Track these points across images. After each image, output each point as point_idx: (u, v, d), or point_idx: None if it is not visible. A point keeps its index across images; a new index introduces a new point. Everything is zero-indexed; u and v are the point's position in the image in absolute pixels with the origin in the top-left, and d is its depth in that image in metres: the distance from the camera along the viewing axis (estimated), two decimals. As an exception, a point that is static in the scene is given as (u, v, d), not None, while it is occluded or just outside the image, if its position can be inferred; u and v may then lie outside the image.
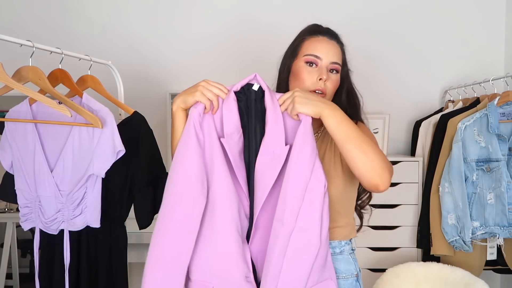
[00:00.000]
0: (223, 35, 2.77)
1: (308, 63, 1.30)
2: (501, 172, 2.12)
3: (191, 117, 1.15)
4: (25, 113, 1.63)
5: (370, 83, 2.76)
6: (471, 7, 2.79)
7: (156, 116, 2.65)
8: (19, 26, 2.74)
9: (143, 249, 2.41)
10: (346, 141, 1.12)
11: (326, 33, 1.34)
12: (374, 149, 1.13)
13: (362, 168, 1.12)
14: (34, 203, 1.65)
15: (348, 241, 1.34)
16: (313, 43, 1.31)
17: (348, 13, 2.78)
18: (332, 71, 1.31)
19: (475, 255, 2.27)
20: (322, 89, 1.28)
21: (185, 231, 1.12)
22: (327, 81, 1.29)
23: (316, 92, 1.28)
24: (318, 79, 1.28)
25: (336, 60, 1.31)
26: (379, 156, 1.12)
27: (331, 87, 1.30)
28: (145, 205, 1.73)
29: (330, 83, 1.30)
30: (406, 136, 2.82)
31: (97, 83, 1.81)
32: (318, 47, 1.30)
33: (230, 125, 1.14)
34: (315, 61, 1.29)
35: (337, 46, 1.33)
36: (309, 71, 1.29)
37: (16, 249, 3.03)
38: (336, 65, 1.31)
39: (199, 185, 1.12)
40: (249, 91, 1.18)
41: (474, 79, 2.56)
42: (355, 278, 1.32)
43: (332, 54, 1.30)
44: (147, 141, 1.75)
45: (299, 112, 1.12)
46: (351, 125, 1.13)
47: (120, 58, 2.68)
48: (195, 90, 1.16)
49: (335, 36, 1.35)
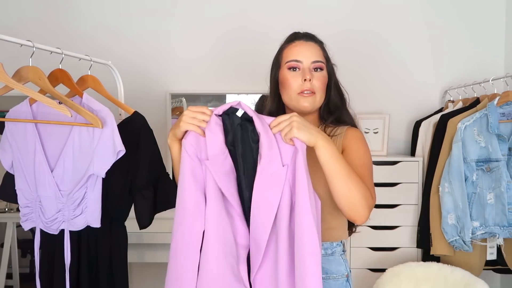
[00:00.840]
0: (223, 35, 2.78)
1: (290, 68, 1.34)
2: (501, 172, 2.12)
3: (183, 148, 1.16)
4: (25, 113, 1.63)
5: (370, 83, 2.76)
6: (471, 7, 2.80)
7: (156, 116, 2.65)
8: (19, 26, 2.74)
9: (143, 249, 2.41)
10: (334, 176, 1.15)
11: (302, 37, 1.38)
12: (358, 187, 1.16)
13: (344, 203, 1.17)
14: (34, 203, 1.65)
15: (339, 242, 1.36)
16: (291, 49, 1.35)
17: (348, 14, 2.78)
18: (316, 70, 1.34)
19: (475, 255, 2.28)
20: (309, 89, 1.31)
21: (186, 257, 1.15)
22: (313, 79, 1.31)
23: (305, 93, 1.31)
24: (303, 80, 1.31)
25: (316, 59, 1.34)
26: (362, 194, 1.16)
27: (318, 84, 1.33)
28: (145, 205, 1.73)
29: (316, 81, 1.32)
30: (406, 136, 2.82)
31: (97, 83, 1.81)
32: (297, 51, 1.34)
33: (214, 147, 1.14)
34: (297, 65, 1.33)
35: (315, 46, 1.36)
36: (293, 75, 1.33)
37: (16, 249, 3.02)
38: (319, 63, 1.34)
39: (194, 211, 1.14)
40: (233, 115, 1.17)
41: (474, 79, 2.56)
42: (346, 278, 1.35)
43: (311, 54, 1.33)
44: (147, 141, 1.75)
45: (294, 137, 1.12)
46: (341, 161, 1.16)
47: (120, 58, 2.68)
48: (180, 121, 1.18)
49: (312, 37, 1.38)
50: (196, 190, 1.14)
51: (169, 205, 1.76)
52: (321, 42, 1.40)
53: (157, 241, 2.38)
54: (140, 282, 2.82)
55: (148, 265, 2.79)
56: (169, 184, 1.78)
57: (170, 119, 2.74)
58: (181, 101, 2.80)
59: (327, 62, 1.38)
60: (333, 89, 1.39)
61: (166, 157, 2.66)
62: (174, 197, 1.80)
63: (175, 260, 1.16)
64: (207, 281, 1.12)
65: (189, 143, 1.15)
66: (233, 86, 2.79)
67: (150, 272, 2.81)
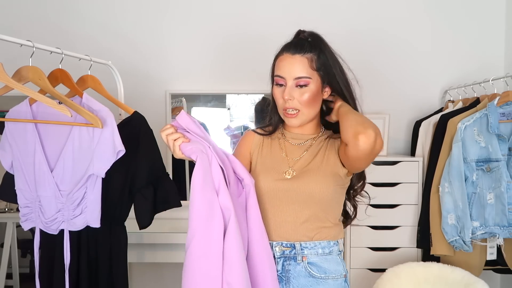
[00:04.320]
0: (223, 34, 2.77)
1: (278, 84, 1.33)
2: (501, 172, 2.12)
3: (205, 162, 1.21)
4: (25, 113, 1.63)
5: (370, 83, 2.75)
6: (471, 7, 2.79)
7: (156, 116, 2.65)
8: (19, 26, 2.74)
9: (143, 249, 2.41)
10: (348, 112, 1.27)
11: (290, 48, 1.31)
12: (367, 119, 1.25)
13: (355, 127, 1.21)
14: (34, 203, 1.65)
15: (336, 241, 1.36)
16: (278, 63, 1.33)
17: (348, 14, 2.78)
18: (301, 86, 1.29)
19: (475, 255, 2.28)
20: (291, 107, 1.30)
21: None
22: (296, 98, 1.29)
23: (288, 112, 1.31)
24: (282, 99, 1.31)
25: (299, 75, 1.28)
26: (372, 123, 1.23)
27: (302, 101, 1.30)
28: (145, 205, 1.73)
29: (299, 98, 1.30)
30: (406, 136, 2.82)
31: (97, 83, 1.81)
32: (281, 66, 1.31)
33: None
34: (281, 81, 1.31)
35: (301, 58, 1.29)
36: (278, 92, 1.33)
37: (16, 249, 3.02)
38: (302, 79, 1.29)
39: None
40: None
41: (474, 79, 2.56)
42: (344, 279, 1.35)
43: (294, 71, 1.29)
44: (147, 141, 1.75)
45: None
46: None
47: (120, 58, 2.68)
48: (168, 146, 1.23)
49: (301, 47, 1.30)
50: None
51: (169, 205, 1.76)
52: (314, 48, 1.30)
53: (157, 241, 2.38)
54: (140, 282, 2.82)
55: (148, 265, 2.79)
56: (169, 184, 1.78)
57: (170, 119, 2.74)
58: (181, 101, 2.80)
59: (317, 71, 1.30)
60: (344, 92, 1.34)
61: (166, 157, 2.66)
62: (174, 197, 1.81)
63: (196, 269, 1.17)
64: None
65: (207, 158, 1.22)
66: (233, 86, 2.79)
67: (150, 272, 2.81)
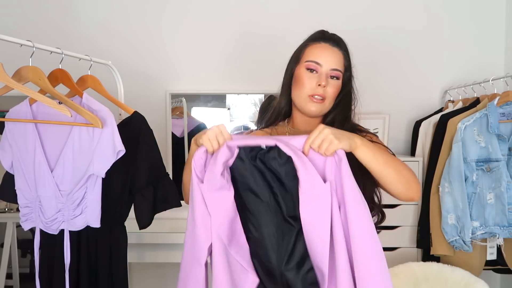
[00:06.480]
0: (223, 34, 2.77)
1: (309, 69, 1.32)
2: (501, 172, 2.12)
3: (193, 160, 1.15)
4: (25, 113, 1.63)
5: (370, 83, 2.75)
6: (471, 7, 2.79)
7: (156, 116, 2.65)
8: (19, 26, 2.74)
9: (143, 249, 2.41)
10: (384, 168, 1.16)
11: (329, 39, 1.35)
12: (405, 167, 1.20)
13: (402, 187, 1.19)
14: (34, 203, 1.65)
15: None
16: (315, 49, 1.33)
17: (349, 14, 2.78)
18: (333, 78, 1.32)
19: (475, 255, 2.27)
20: (321, 94, 1.30)
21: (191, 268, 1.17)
22: (327, 86, 1.31)
23: (315, 98, 1.30)
24: (317, 85, 1.30)
25: (336, 67, 1.32)
26: (411, 171, 1.21)
27: (331, 92, 1.32)
28: (145, 205, 1.73)
29: (330, 89, 1.31)
30: (406, 136, 2.82)
31: (97, 83, 1.81)
32: (319, 53, 1.32)
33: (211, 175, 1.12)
34: (316, 67, 1.31)
35: (339, 53, 1.34)
36: (309, 76, 1.32)
37: (16, 249, 3.02)
38: (337, 72, 1.32)
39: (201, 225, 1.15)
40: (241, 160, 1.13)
41: (474, 79, 2.56)
42: None
43: (332, 61, 1.31)
44: (147, 141, 1.75)
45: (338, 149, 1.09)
46: (381, 151, 1.18)
47: (120, 58, 2.68)
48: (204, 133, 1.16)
49: (338, 42, 1.35)
50: (202, 203, 1.14)
51: (169, 205, 1.76)
52: (347, 50, 1.37)
53: (157, 241, 2.38)
54: (140, 282, 2.82)
55: (148, 265, 2.79)
56: (169, 184, 1.78)
57: (170, 119, 2.74)
58: (181, 101, 2.80)
59: (345, 72, 1.35)
60: (339, 98, 1.35)
61: (166, 157, 2.66)
62: (174, 197, 1.81)
63: (183, 269, 1.17)
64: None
65: (199, 157, 1.15)
66: (233, 86, 2.78)
67: (150, 272, 2.81)
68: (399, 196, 1.21)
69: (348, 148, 1.10)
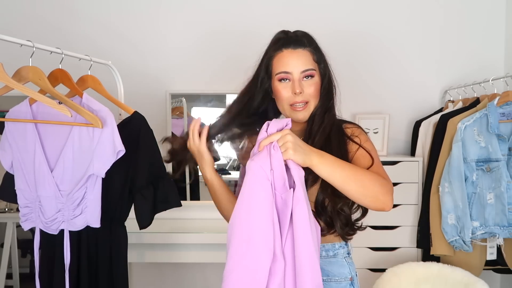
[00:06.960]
0: (224, 35, 2.77)
1: (281, 80, 1.31)
2: (501, 172, 2.12)
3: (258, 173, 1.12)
4: (25, 113, 1.63)
5: (370, 83, 2.76)
6: (471, 7, 2.80)
7: (156, 116, 2.65)
8: (19, 26, 2.74)
9: (143, 249, 2.41)
10: (345, 184, 1.13)
11: (290, 43, 1.32)
12: (371, 179, 1.14)
13: (366, 200, 1.14)
14: (34, 203, 1.65)
15: (342, 244, 1.34)
16: (280, 60, 1.31)
17: (348, 13, 2.78)
18: (308, 77, 1.30)
19: (475, 255, 2.28)
20: (301, 101, 1.29)
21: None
22: (304, 90, 1.29)
23: (297, 106, 1.30)
24: (293, 93, 1.29)
25: (306, 67, 1.29)
26: (378, 183, 1.14)
27: (311, 92, 1.30)
28: (145, 205, 1.72)
29: (308, 90, 1.30)
30: (406, 136, 2.82)
31: (97, 83, 1.81)
32: (285, 62, 1.30)
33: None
34: (286, 76, 1.30)
35: (305, 52, 1.31)
36: (283, 87, 1.31)
37: (16, 249, 3.02)
38: (309, 71, 1.30)
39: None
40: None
41: (474, 79, 2.56)
42: (349, 282, 1.32)
43: (300, 64, 1.29)
44: (147, 141, 1.75)
45: (289, 159, 1.10)
46: (342, 166, 1.14)
47: (120, 58, 2.68)
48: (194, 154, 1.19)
49: (300, 41, 1.32)
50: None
51: (169, 205, 1.76)
52: (311, 44, 1.33)
53: (157, 241, 2.37)
54: (140, 282, 2.82)
55: (148, 265, 2.79)
56: (169, 184, 1.78)
57: (170, 119, 2.74)
58: (181, 101, 2.80)
59: (319, 65, 1.32)
60: (321, 90, 1.34)
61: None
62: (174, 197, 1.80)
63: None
64: None
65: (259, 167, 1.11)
66: (233, 86, 2.77)
67: (150, 272, 2.82)
68: (368, 207, 1.19)
69: (301, 163, 1.10)
